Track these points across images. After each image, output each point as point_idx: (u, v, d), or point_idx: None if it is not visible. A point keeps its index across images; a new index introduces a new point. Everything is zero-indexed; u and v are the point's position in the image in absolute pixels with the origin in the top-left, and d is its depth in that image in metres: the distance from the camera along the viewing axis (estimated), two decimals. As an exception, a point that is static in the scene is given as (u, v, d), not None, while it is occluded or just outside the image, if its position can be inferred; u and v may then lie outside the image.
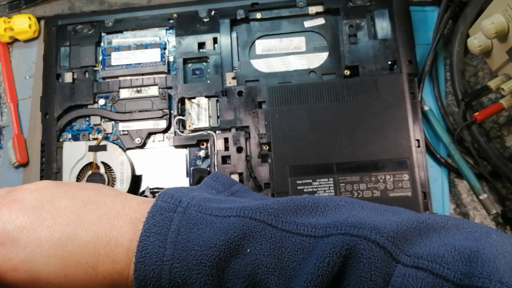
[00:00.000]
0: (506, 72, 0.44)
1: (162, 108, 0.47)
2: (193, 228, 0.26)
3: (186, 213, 0.26)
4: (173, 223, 0.26)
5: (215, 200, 0.28)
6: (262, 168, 0.44)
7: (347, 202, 0.28)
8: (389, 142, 0.43)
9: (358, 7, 0.48)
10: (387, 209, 0.28)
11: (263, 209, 0.26)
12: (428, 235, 0.24)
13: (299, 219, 0.26)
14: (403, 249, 0.23)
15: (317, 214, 0.27)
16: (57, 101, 0.49)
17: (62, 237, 0.26)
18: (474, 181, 0.44)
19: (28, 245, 0.26)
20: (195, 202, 0.27)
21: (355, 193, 0.42)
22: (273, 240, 0.25)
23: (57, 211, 0.27)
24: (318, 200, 0.27)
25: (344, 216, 0.26)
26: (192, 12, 0.50)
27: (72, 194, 0.28)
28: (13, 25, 0.53)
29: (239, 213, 0.26)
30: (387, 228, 0.24)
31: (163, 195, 0.28)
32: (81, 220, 0.27)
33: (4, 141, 0.52)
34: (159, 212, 0.27)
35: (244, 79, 0.48)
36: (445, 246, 0.23)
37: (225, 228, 0.25)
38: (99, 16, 0.51)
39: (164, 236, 0.26)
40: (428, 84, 0.48)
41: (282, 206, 0.27)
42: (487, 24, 0.41)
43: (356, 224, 0.25)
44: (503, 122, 0.47)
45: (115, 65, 0.49)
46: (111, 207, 0.28)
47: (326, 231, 0.25)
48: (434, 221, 0.25)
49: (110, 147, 0.47)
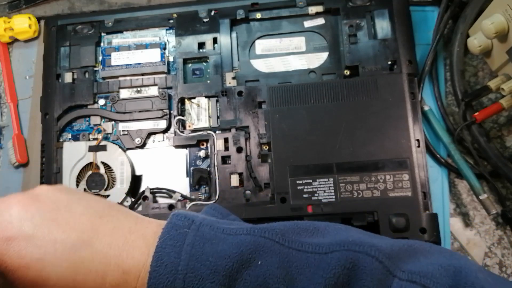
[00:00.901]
0: (506, 72, 0.44)
1: (162, 108, 0.47)
2: (206, 243, 0.27)
3: (199, 230, 0.28)
4: (188, 237, 0.27)
5: (223, 223, 0.30)
6: (262, 168, 0.44)
7: (344, 226, 0.30)
8: (389, 142, 0.43)
9: (358, 7, 0.48)
10: (376, 235, 0.30)
11: (271, 229, 0.28)
12: (416, 257, 0.27)
13: (303, 239, 0.28)
14: (398, 265, 0.26)
15: (318, 236, 0.29)
16: (57, 101, 0.49)
17: (76, 243, 0.27)
18: (474, 181, 0.44)
19: (43, 245, 0.26)
20: (207, 222, 0.29)
21: (355, 193, 0.42)
22: (281, 255, 0.27)
23: (73, 217, 0.28)
24: (318, 225, 0.30)
25: (344, 236, 0.28)
26: (192, 12, 0.50)
27: (87, 204, 0.29)
28: (13, 25, 0.53)
29: (249, 232, 0.28)
30: (383, 247, 0.27)
31: (176, 215, 0.29)
32: (96, 230, 0.28)
33: (4, 141, 0.52)
34: (174, 228, 0.28)
35: (244, 79, 0.48)
36: (432, 265, 0.26)
37: (237, 243, 0.27)
38: (99, 16, 0.51)
39: (179, 248, 0.27)
40: (428, 84, 0.48)
41: (287, 228, 0.29)
42: (487, 24, 0.41)
43: (357, 242, 0.27)
44: (503, 122, 0.47)
45: (115, 65, 0.49)
46: (124, 222, 0.29)
47: (330, 248, 0.27)
48: (420, 245, 0.28)
49: (110, 147, 0.47)
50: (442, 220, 0.43)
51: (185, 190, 0.46)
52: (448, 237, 0.45)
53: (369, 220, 0.41)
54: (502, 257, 0.45)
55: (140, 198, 0.45)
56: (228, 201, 0.44)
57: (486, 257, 0.45)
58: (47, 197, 0.29)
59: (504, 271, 0.44)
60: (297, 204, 0.42)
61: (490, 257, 0.45)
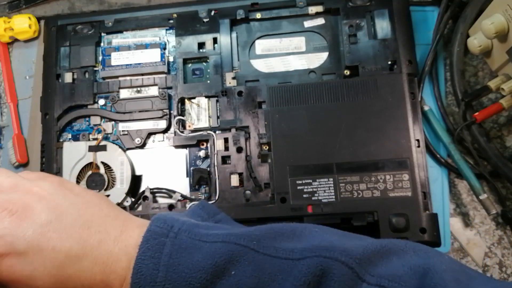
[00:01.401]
0: (506, 72, 0.44)
1: (162, 108, 0.47)
2: (183, 253, 0.28)
3: (177, 238, 0.29)
4: (166, 247, 0.28)
5: (202, 226, 0.30)
6: (262, 168, 0.44)
7: (320, 229, 0.31)
8: (389, 142, 0.43)
9: (358, 7, 0.47)
10: (354, 235, 0.31)
11: (247, 236, 0.29)
12: (389, 258, 0.28)
13: (278, 244, 0.29)
14: (367, 270, 0.27)
15: (294, 239, 0.29)
16: (57, 101, 0.49)
17: (64, 261, 0.28)
18: (474, 181, 0.44)
19: (33, 263, 0.27)
20: (185, 228, 0.30)
21: (355, 193, 0.42)
22: (255, 263, 0.28)
23: (63, 230, 0.29)
24: (294, 227, 0.31)
25: (318, 240, 0.29)
26: (192, 12, 0.50)
27: (77, 211, 0.30)
28: (13, 25, 0.53)
29: (225, 239, 0.29)
30: (354, 251, 0.27)
31: (156, 220, 0.30)
32: (84, 244, 0.29)
33: (4, 141, 0.52)
34: (152, 236, 0.29)
35: (244, 79, 0.48)
36: (402, 267, 0.27)
37: (212, 252, 0.28)
38: (99, 16, 0.51)
39: (157, 259, 0.28)
40: (428, 84, 0.48)
41: (263, 233, 0.30)
42: (487, 24, 0.41)
43: (328, 248, 0.28)
44: (503, 122, 0.47)
45: (115, 65, 0.49)
46: (110, 231, 0.30)
47: (302, 254, 0.28)
48: (395, 245, 0.29)
49: (110, 147, 0.47)
50: (442, 220, 0.43)
51: (185, 190, 0.46)
52: (448, 237, 0.45)
53: (369, 220, 0.41)
54: (502, 257, 0.45)
55: (140, 198, 0.45)
56: (228, 201, 0.44)
57: (486, 257, 0.45)
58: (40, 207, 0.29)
59: (504, 271, 0.44)
60: (297, 204, 0.42)
61: (490, 257, 0.45)
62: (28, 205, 0.29)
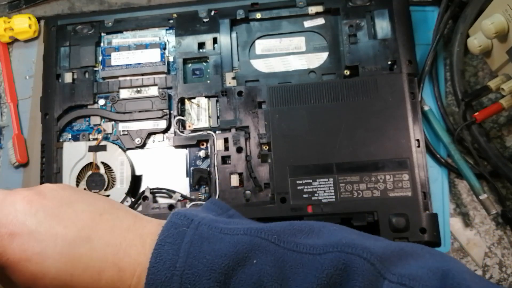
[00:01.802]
0: (506, 72, 0.44)
1: (162, 108, 0.47)
2: (204, 242, 0.28)
3: (198, 229, 0.29)
4: (187, 236, 0.28)
5: (221, 221, 0.30)
6: (262, 168, 0.44)
7: (338, 227, 0.31)
8: (389, 142, 0.43)
9: (358, 7, 0.47)
10: (370, 236, 0.31)
11: (267, 230, 0.29)
12: (407, 260, 0.28)
13: (298, 239, 0.29)
14: (389, 268, 0.27)
15: (313, 236, 0.30)
16: (57, 101, 0.49)
17: (76, 239, 0.28)
18: (474, 181, 0.44)
19: (44, 239, 0.27)
20: (205, 221, 0.30)
21: (355, 193, 0.42)
22: (276, 255, 0.28)
23: (74, 213, 0.29)
24: (312, 225, 0.31)
25: (338, 237, 0.29)
26: (192, 12, 0.50)
27: (88, 202, 0.30)
28: (13, 25, 0.53)
29: (246, 232, 0.29)
30: (375, 250, 0.28)
31: (176, 214, 0.30)
32: (95, 227, 0.28)
33: (4, 141, 0.52)
34: (173, 226, 0.29)
35: (244, 79, 0.48)
36: (421, 269, 0.27)
37: (234, 242, 0.28)
38: (99, 16, 0.51)
39: (178, 246, 0.28)
40: (428, 84, 0.48)
41: (282, 229, 0.29)
42: (487, 24, 0.41)
43: (350, 244, 0.28)
44: (503, 122, 0.47)
45: (115, 65, 0.49)
46: (123, 220, 0.30)
47: (324, 249, 0.28)
48: (411, 248, 0.29)
49: (110, 147, 0.47)
50: (442, 220, 0.43)
51: (185, 190, 0.46)
52: (448, 237, 0.45)
53: (369, 220, 0.41)
54: (502, 257, 0.45)
55: (140, 198, 0.45)
56: (228, 201, 0.44)
57: (486, 257, 0.45)
58: (51, 194, 0.30)
59: (504, 271, 0.44)
60: (297, 204, 0.42)
61: (490, 257, 0.45)
62: (41, 193, 0.29)
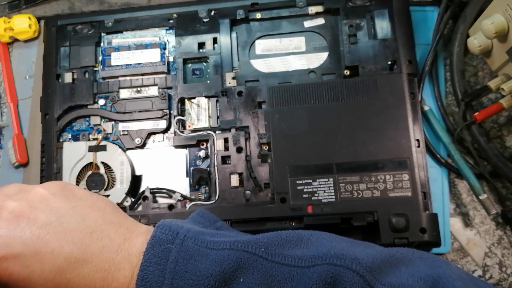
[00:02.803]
0: (506, 72, 0.44)
1: (162, 108, 0.47)
2: (190, 260, 0.27)
3: (183, 245, 0.28)
4: (172, 254, 0.28)
5: (208, 234, 0.30)
6: (262, 168, 0.44)
7: (327, 236, 0.30)
8: (389, 142, 0.43)
9: (358, 7, 0.47)
10: (360, 243, 0.31)
11: (254, 243, 0.28)
12: (397, 267, 0.27)
13: (286, 251, 0.28)
14: (378, 279, 0.26)
15: (301, 247, 0.29)
16: (57, 101, 0.49)
17: (63, 265, 0.27)
18: (474, 181, 0.44)
19: (30, 265, 0.27)
20: (191, 234, 0.29)
21: (355, 193, 0.42)
22: (264, 270, 0.27)
23: (63, 233, 0.28)
24: (301, 235, 0.30)
25: (327, 248, 0.28)
26: (192, 12, 0.50)
27: (80, 214, 0.29)
28: (13, 25, 0.53)
29: (232, 246, 0.28)
30: (364, 260, 0.27)
31: (161, 227, 0.29)
32: (85, 250, 0.28)
33: (4, 141, 0.52)
34: (158, 243, 0.28)
35: (244, 79, 0.48)
36: (412, 277, 0.26)
37: (220, 259, 0.27)
38: (99, 16, 0.51)
39: (163, 266, 0.27)
40: (428, 84, 0.48)
41: (270, 240, 0.29)
42: (487, 24, 0.41)
43: (338, 255, 0.27)
44: (503, 122, 0.47)
45: (115, 65, 0.49)
46: (114, 238, 0.29)
47: (312, 261, 0.27)
48: (402, 254, 0.28)
49: (110, 147, 0.47)
50: (442, 220, 0.43)
51: (185, 190, 0.46)
52: (448, 237, 0.45)
53: (369, 220, 0.41)
54: (502, 257, 0.45)
55: (140, 198, 0.45)
56: (228, 201, 0.44)
57: (486, 257, 0.45)
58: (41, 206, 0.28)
59: (504, 271, 0.44)
60: (297, 204, 0.42)
61: (490, 257, 0.45)
62: (27, 207, 0.28)
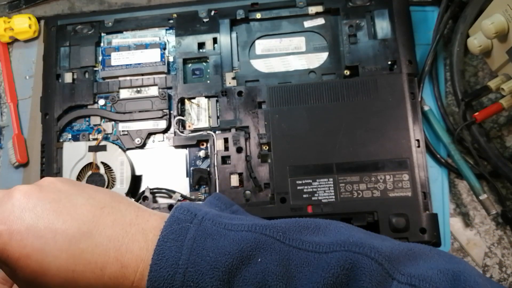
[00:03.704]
0: (506, 72, 0.44)
1: (162, 108, 0.47)
2: (208, 238, 0.28)
3: (201, 224, 0.28)
4: (190, 232, 0.28)
5: (225, 217, 0.30)
6: (262, 168, 0.44)
7: (345, 225, 0.30)
8: (389, 142, 0.43)
9: (358, 7, 0.47)
10: (377, 235, 0.30)
11: (272, 227, 0.28)
12: (416, 260, 0.27)
13: (304, 237, 0.28)
14: (397, 268, 0.26)
15: (319, 234, 0.29)
16: (57, 101, 0.49)
17: (76, 234, 0.27)
18: (474, 181, 0.44)
19: (43, 236, 0.27)
20: (209, 216, 0.29)
21: (355, 193, 0.42)
22: (282, 253, 0.27)
23: (73, 208, 0.28)
24: (319, 223, 0.30)
25: (345, 236, 0.28)
26: (192, 12, 0.50)
27: (88, 194, 0.29)
28: (13, 25, 0.53)
29: (250, 228, 0.28)
30: (383, 249, 0.27)
31: (179, 208, 0.29)
32: (96, 221, 0.28)
33: (4, 141, 0.52)
34: (176, 222, 0.28)
35: (244, 79, 0.48)
36: (431, 270, 0.26)
37: (238, 239, 0.27)
38: (99, 16, 0.51)
39: (180, 242, 0.27)
40: (428, 84, 0.48)
41: (288, 226, 0.29)
42: (487, 24, 0.41)
43: (357, 243, 0.27)
44: (503, 122, 0.47)
45: (115, 65, 0.49)
46: (125, 214, 0.29)
47: (330, 248, 0.27)
48: (419, 249, 0.28)
49: (110, 147, 0.47)
50: (442, 220, 0.43)
51: (185, 190, 0.46)
52: (448, 237, 0.45)
53: (369, 220, 0.41)
54: (502, 257, 0.45)
55: (140, 198, 0.45)
56: (228, 201, 0.44)
57: (486, 257, 0.45)
58: (50, 188, 0.29)
59: (504, 271, 0.44)
60: (297, 204, 0.42)
61: (490, 257, 0.45)
62: (39, 187, 0.29)
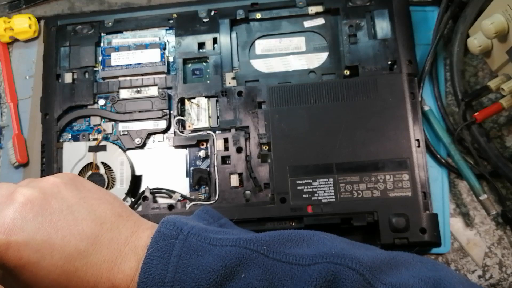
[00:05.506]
0: (506, 72, 0.44)
1: (162, 108, 0.47)
2: (193, 255, 0.28)
3: (187, 240, 0.29)
4: (175, 249, 0.28)
5: (211, 231, 0.30)
6: (262, 168, 0.44)
7: (329, 236, 0.31)
8: (389, 142, 0.43)
9: (358, 7, 0.47)
10: (361, 245, 0.31)
11: (256, 241, 0.29)
12: (398, 269, 0.28)
13: (287, 250, 0.29)
14: (379, 278, 0.27)
15: (303, 246, 0.29)
16: (57, 102, 0.49)
17: (73, 252, 0.28)
18: (474, 181, 0.43)
19: (40, 250, 0.27)
20: (195, 231, 0.29)
21: (355, 193, 0.42)
22: (265, 267, 0.28)
23: (74, 221, 0.28)
24: (302, 234, 0.30)
25: (328, 247, 0.29)
26: (192, 12, 0.50)
27: (90, 205, 0.30)
28: (13, 25, 0.53)
29: (234, 243, 0.29)
30: (365, 259, 0.27)
31: (165, 223, 0.30)
32: (94, 239, 0.28)
33: (4, 141, 0.52)
34: (162, 238, 0.29)
35: (244, 79, 0.48)
36: (413, 278, 0.27)
37: (222, 255, 0.28)
38: (99, 16, 0.51)
39: (166, 260, 0.28)
40: (428, 84, 0.48)
41: (272, 239, 0.29)
42: (487, 24, 0.41)
43: (339, 254, 0.28)
44: (503, 122, 0.47)
45: (115, 65, 0.49)
46: (122, 231, 0.29)
47: (313, 260, 0.28)
48: (402, 257, 0.29)
49: (110, 147, 0.47)
50: (442, 220, 0.43)
51: (185, 190, 0.46)
52: (448, 237, 0.45)
53: (369, 220, 0.41)
54: (502, 257, 0.45)
55: (140, 198, 0.45)
56: (228, 201, 0.44)
57: (486, 257, 0.45)
58: (53, 194, 0.29)
59: (504, 271, 0.44)
60: (297, 204, 0.42)
61: (490, 257, 0.45)
62: (40, 193, 0.29)
